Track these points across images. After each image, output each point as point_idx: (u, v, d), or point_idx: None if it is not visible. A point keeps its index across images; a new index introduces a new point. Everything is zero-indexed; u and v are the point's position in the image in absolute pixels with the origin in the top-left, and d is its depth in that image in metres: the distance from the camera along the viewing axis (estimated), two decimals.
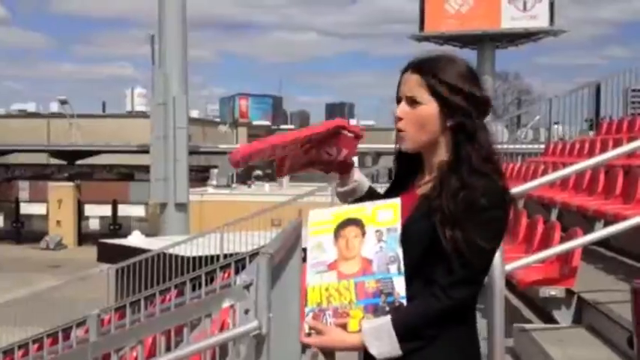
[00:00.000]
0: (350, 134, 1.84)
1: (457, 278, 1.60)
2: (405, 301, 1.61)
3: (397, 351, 1.60)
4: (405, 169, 1.83)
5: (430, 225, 1.63)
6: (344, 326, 1.63)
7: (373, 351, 1.61)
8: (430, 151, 1.73)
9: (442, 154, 1.71)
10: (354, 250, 1.65)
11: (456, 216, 1.59)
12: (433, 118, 1.68)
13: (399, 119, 1.71)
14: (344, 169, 1.91)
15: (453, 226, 1.59)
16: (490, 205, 1.61)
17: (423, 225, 1.64)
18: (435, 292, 1.61)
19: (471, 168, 1.64)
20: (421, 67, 1.70)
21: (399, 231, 1.64)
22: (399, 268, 1.62)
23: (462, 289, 1.62)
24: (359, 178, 1.93)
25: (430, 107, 1.68)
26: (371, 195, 1.90)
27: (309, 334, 1.66)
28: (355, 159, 2.00)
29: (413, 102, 1.69)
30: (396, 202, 1.68)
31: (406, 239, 1.64)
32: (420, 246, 1.64)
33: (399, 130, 1.73)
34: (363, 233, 1.66)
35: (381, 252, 1.63)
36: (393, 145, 1.83)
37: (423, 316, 1.61)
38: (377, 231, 1.65)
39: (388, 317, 1.60)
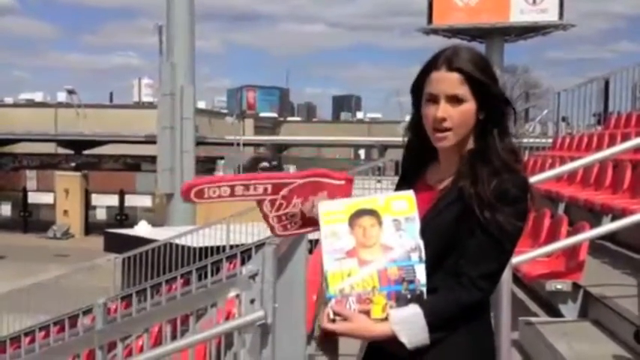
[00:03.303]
0: (336, 181, 1.82)
1: (485, 271, 1.63)
2: (425, 289, 1.62)
3: (426, 340, 1.61)
4: (414, 163, 1.83)
5: (453, 217, 1.65)
6: (367, 313, 1.62)
7: (404, 340, 1.60)
8: (460, 145, 1.72)
9: (468, 146, 1.72)
10: (372, 238, 1.65)
11: (492, 202, 1.62)
12: (473, 114, 1.69)
13: (443, 119, 1.67)
14: None
15: (491, 211, 1.61)
16: (519, 197, 1.65)
17: (446, 217, 1.66)
18: (463, 283, 1.62)
19: (499, 157, 1.66)
20: (458, 64, 1.67)
21: (418, 221, 1.65)
22: (420, 257, 1.63)
23: (489, 281, 1.65)
24: None
25: (471, 104, 1.67)
26: None
27: (333, 320, 1.63)
28: (362, 152, 1.97)
29: (456, 100, 1.67)
30: (410, 193, 1.69)
31: (428, 231, 1.65)
32: (442, 238, 1.65)
33: (442, 130, 1.69)
34: (380, 222, 1.65)
35: (401, 240, 1.64)
36: (399, 138, 1.82)
37: (453, 306, 1.62)
38: (395, 220, 1.65)
39: (418, 307, 1.61)
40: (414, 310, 1.61)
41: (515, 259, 3.63)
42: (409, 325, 1.60)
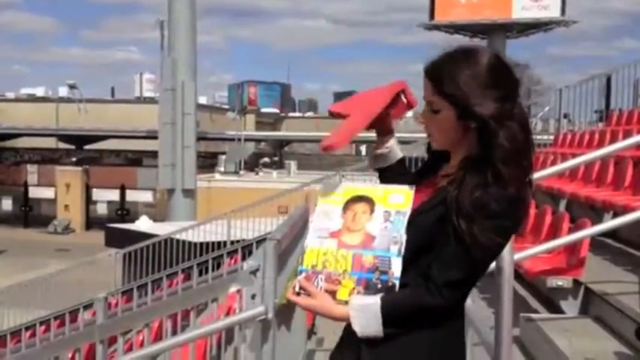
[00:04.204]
0: (404, 100, 1.85)
1: (451, 279, 1.59)
2: (397, 283, 1.62)
3: (380, 333, 1.61)
4: (435, 158, 1.82)
5: (436, 218, 1.62)
6: (333, 293, 1.65)
7: (356, 328, 1.62)
8: (457, 149, 1.70)
9: (469, 152, 1.67)
10: (359, 224, 1.68)
11: (469, 212, 1.57)
12: (452, 123, 1.64)
13: (424, 124, 1.72)
14: (383, 130, 1.90)
15: (467, 221, 1.57)
16: (500, 213, 1.58)
17: (431, 216, 1.63)
18: (429, 287, 1.59)
19: (491, 169, 1.59)
20: (433, 73, 1.66)
21: (407, 216, 1.66)
22: (399, 250, 1.63)
23: (453, 290, 1.60)
24: (392, 145, 1.91)
25: (448, 113, 1.64)
26: (401, 163, 1.91)
27: (298, 294, 1.68)
28: (363, 148, 1.98)
29: (432, 107, 1.68)
30: (409, 189, 1.70)
31: (411, 227, 1.64)
32: (423, 236, 1.63)
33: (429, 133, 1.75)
34: (372, 211, 1.68)
35: (385, 231, 1.65)
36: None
37: (413, 307, 1.60)
38: (385, 211, 1.67)
39: (378, 299, 1.60)
40: (373, 301, 1.61)
41: (516, 256, 3.63)
42: (364, 313, 1.61)
